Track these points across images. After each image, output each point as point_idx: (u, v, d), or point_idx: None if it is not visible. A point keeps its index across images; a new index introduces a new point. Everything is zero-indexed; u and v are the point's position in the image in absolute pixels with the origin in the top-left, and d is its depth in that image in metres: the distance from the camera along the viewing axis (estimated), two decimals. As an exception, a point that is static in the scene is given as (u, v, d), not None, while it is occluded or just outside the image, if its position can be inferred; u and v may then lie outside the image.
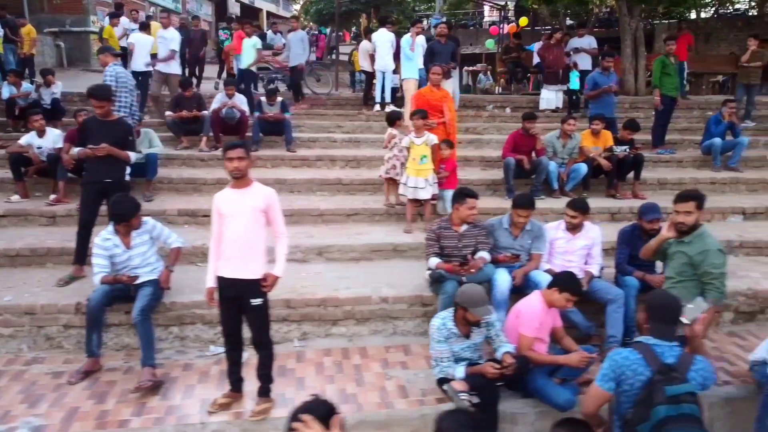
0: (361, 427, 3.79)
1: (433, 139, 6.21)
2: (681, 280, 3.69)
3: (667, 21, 26.61)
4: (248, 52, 10.46)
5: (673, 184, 7.91)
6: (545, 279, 4.65)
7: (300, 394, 4.06)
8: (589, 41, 11.22)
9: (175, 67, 9.72)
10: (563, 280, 4.05)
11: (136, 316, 4.15)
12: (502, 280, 4.69)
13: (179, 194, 7.11)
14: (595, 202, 7.12)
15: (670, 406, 2.72)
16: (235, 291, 3.70)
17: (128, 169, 5.50)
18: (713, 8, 24.15)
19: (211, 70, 14.26)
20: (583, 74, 10.91)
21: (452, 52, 9.45)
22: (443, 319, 3.96)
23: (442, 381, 3.94)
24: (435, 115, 6.61)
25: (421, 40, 9.95)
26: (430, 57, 9.33)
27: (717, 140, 8.51)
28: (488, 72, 17.70)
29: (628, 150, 7.51)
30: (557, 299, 4.04)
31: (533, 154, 7.34)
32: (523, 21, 18.52)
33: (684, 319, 3.03)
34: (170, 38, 9.58)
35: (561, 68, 11.24)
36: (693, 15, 24.00)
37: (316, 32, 20.05)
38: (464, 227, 4.90)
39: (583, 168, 7.37)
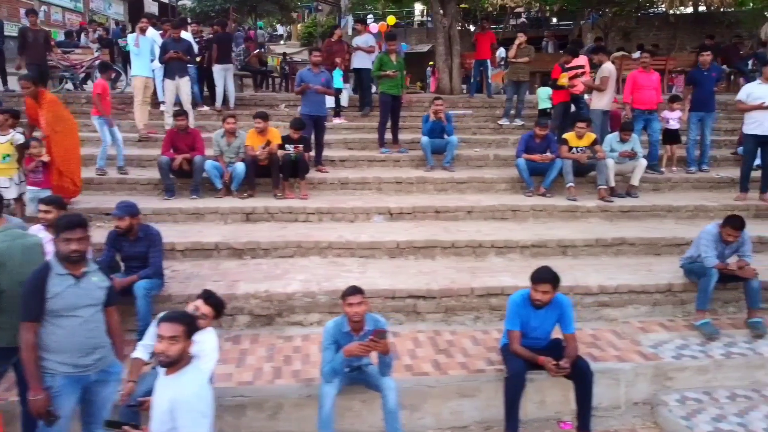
0: None
1: (20, 138, 6.09)
2: None
3: (591, 21, 26.51)
4: None
5: (356, 183, 7.76)
6: None
7: None
8: (366, 39, 11.05)
9: None
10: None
11: None
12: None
13: None
14: (240, 202, 7.02)
15: None
16: None
17: None
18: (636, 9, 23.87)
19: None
20: (366, 72, 10.80)
21: (187, 49, 9.35)
22: None
23: None
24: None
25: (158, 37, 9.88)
26: (163, 55, 9.28)
27: (425, 139, 8.31)
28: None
29: (293, 149, 7.36)
30: None
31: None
32: (391, 20, 18.42)
33: None
34: None
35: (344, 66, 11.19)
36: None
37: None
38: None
39: (240, 167, 7.22)
